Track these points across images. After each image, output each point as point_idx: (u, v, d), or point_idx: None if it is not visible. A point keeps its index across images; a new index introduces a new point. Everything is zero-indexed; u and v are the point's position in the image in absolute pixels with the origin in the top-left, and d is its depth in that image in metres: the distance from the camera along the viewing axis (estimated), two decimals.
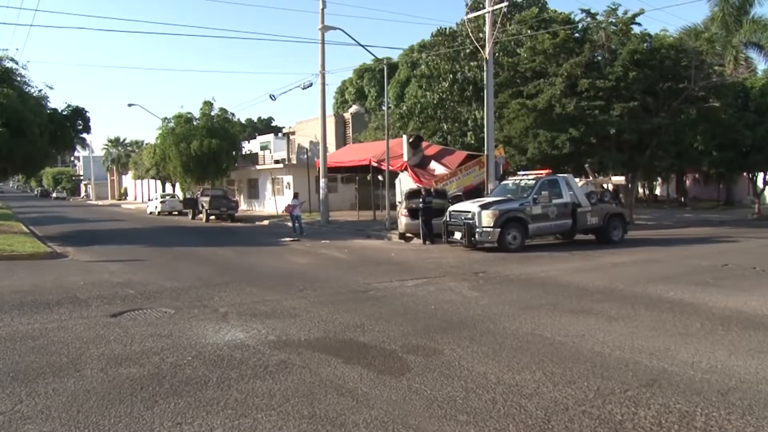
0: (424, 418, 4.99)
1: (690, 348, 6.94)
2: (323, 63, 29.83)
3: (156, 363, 6.60)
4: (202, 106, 43.62)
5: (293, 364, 6.52)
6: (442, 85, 32.25)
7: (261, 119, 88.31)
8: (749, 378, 5.86)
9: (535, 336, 7.61)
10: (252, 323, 8.48)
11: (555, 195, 18.55)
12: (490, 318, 8.64)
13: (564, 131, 23.77)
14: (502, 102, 26.59)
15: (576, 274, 12.70)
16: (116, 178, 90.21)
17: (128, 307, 9.66)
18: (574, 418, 4.93)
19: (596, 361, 6.46)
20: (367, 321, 8.51)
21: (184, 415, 5.12)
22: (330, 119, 42.12)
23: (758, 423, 4.81)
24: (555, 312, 9.02)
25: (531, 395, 5.48)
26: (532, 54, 26.56)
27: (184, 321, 8.69)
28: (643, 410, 5.08)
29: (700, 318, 8.45)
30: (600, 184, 24.48)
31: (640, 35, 25.63)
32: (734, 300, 9.68)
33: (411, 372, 6.20)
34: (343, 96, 62.97)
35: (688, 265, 13.84)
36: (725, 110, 26.66)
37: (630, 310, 9.05)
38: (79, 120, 28.90)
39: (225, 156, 42.36)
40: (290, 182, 43.13)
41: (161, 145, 44.14)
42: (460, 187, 23.70)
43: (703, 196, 46.25)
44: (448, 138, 32.02)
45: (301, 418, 5.02)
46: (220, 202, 36.56)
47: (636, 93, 23.82)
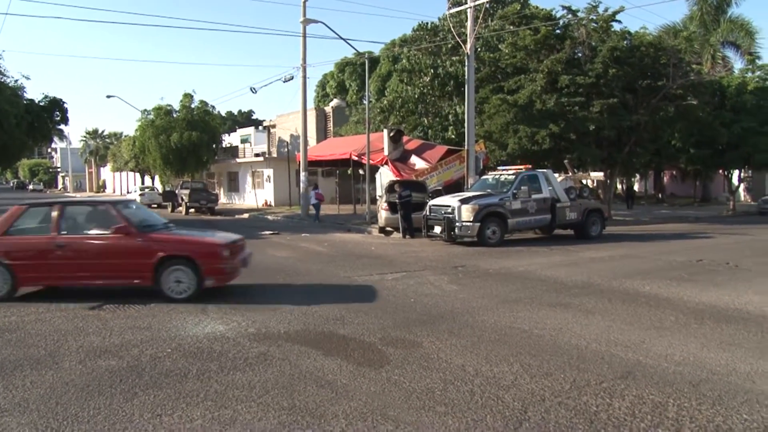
0: (402, 410, 5.05)
1: (664, 341, 7.07)
2: (304, 56, 29.76)
3: (135, 355, 6.60)
4: (182, 98, 43.41)
5: (273, 356, 6.55)
6: (423, 80, 32.29)
7: (241, 112, 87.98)
8: (720, 370, 5.99)
9: (513, 329, 7.70)
10: (232, 316, 8.49)
11: (534, 190, 18.68)
12: (468, 311, 8.72)
13: (544, 127, 23.92)
14: (482, 97, 26.69)
15: (554, 269, 12.82)
16: (94, 170, 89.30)
17: (107, 300, 9.62)
18: (550, 409, 5.02)
19: (573, 354, 6.56)
20: (347, 314, 8.55)
21: (164, 406, 5.14)
22: (311, 113, 42.04)
23: (727, 413, 4.93)
24: (533, 305, 9.12)
25: (508, 387, 5.56)
26: (514, 50, 26.67)
27: (164, 314, 8.68)
28: (618, 401, 5.18)
29: (674, 312, 8.59)
30: (579, 179, 24.68)
31: (620, 33, 25.84)
32: (708, 295, 9.85)
33: (390, 364, 6.26)
34: (324, 89, 62.81)
35: (664, 261, 14.03)
36: (702, 108, 26.95)
37: (607, 304, 9.18)
38: (56, 111, 28.65)
39: (205, 149, 42.18)
40: (270, 176, 43.04)
41: (140, 137, 43.85)
42: (441, 182, 23.77)
43: (680, 192, 46.81)
44: (429, 132, 32.10)
45: (281, 409, 5.05)
46: (200, 195, 36.43)
47: (615, 90, 24.03)
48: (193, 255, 9.63)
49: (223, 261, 9.78)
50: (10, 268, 9.61)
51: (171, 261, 9.59)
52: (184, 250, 9.73)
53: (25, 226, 10.08)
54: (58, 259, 9.58)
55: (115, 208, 10.18)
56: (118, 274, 9.78)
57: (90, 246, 9.80)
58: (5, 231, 9.83)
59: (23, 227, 10.05)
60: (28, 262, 9.70)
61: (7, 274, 9.62)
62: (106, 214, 10.15)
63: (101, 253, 9.71)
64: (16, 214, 10.01)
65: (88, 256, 9.70)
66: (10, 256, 9.63)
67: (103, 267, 9.71)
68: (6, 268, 9.62)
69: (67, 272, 9.72)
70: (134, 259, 9.63)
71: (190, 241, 10.29)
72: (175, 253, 9.66)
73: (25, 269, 9.68)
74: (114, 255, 9.66)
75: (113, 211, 10.10)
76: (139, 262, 9.59)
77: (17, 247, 9.81)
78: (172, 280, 9.59)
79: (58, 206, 10.13)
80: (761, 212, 32.13)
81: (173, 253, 9.66)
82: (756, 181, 41.82)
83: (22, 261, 9.68)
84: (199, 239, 10.45)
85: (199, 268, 9.55)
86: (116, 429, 4.69)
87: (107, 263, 9.69)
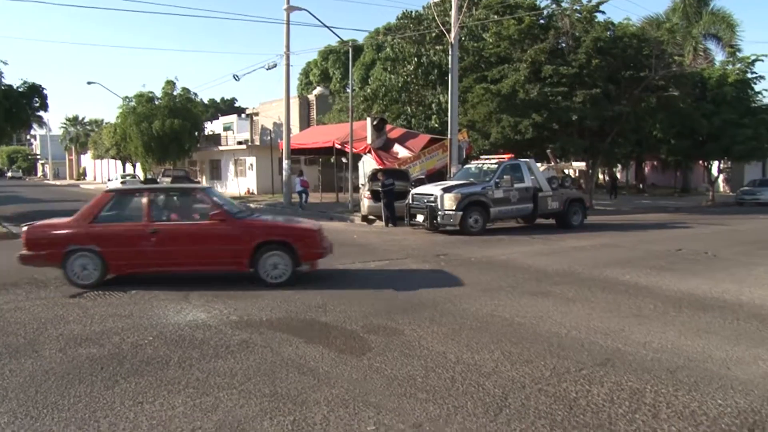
0: (384, 396, 5.08)
1: (643, 329, 7.15)
2: (288, 44, 29.56)
3: (116, 343, 6.58)
4: (165, 85, 43.06)
5: (255, 343, 6.55)
6: (407, 69, 32.23)
7: (224, 100, 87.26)
8: (696, 357, 6.08)
9: (494, 317, 7.75)
10: (214, 303, 8.47)
11: (517, 179, 18.75)
12: (450, 299, 8.76)
13: (527, 117, 24.01)
14: (466, 86, 26.71)
15: (536, 258, 12.90)
16: (75, 157, 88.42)
17: (88, 288, 9.55)
18: (530, 396, 5.07)
19: (553, 341, 6.62)
20: (329, 301, 8.56)
21: (145, 394, 5.13)
22: (294, 101, 41.88)
23: (702, 398, 5.01)
24: (514, 294, 9.18)
25: (489, 374, 5.60)
26: (498, 39, 26.70)
27: (145, 301, 8.64)
28: (597, 388, 5.24)
29: (653, 300, 8.69)
30: (561, 169, 24.81)
31: (604, 23, 25.93)
32: (686, 283, 9.97)
33: (372, 351, 6.28)
34: (307, 77, 62.47)
35: (644, 250, 14.16)
36: (684, 99, 27.19)
37: (587, 293, 9.26)
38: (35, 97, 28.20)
39: (187, 136, 41.90)
40: (253, 163, 42.83)
41: (122, 124, 43.49)
42: (423, 170, 23.80)
43: (660, 183, 47.21)
44: (412, 121, 32.08)
45: (263, 396, 5.06)
46: (182, 183, 36.16)
47: (598, 80, 24.13)
48: (291, 240, 9.82)
49: (318, 246, 10.04)
50: (101, 255, 9.53)
51: (268, 246, 9.72)
52: (282, 236, 9.94)
53: (113, 213, 10.04)
54: (152, 246, 9.57)
55: (207, 194, 10.28)
56: (215, 261, 9.89)
57: (186, 233, 9.84)
58: (94, 218, 9.76)
59: (111, 214, 9.99)
60: (119, 249, 9.64)
61: (98, 261, 9.54)
62: (199, 200, 10.32)
63: (198, 240, 9.75)
64: (103, 201, 9.97)
65: (184, 242, 9.75)
66: (101, 243, 9.53)
67: (200, 254, 9.77)
68: (97, 255, 9.53)
69: (160, 259, 9.72)
70: (232, 245, 9.73)
71: (287, 226, 10.63)
72: (272, 239, 9.83)
73: (117, 256, 9.62)
74: (212, 241, 9.72)
75: (207, 198, 10.22)
76: (237, 248, 9.70)
77: (108, 234, 9.71)
78: (269, 265, 9.72)
79: (147, 193, 10.16)
80: (739, 203, 32.55)
81: (271, 238, 9.84)
82: (735, 172, 42.28)
83: (114, 248, 9.60)
84: (295, 225, 10.75)
85: (296, 253, 9.73)
86: (97, 417, 4.68)
87: (204, 250, 9.75)
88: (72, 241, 9.53)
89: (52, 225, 10.14)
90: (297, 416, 4.66)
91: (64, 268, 9.56)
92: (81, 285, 9.50)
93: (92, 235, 9.59)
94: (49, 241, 9.69)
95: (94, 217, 9.76)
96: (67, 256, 9.49)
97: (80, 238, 9.55)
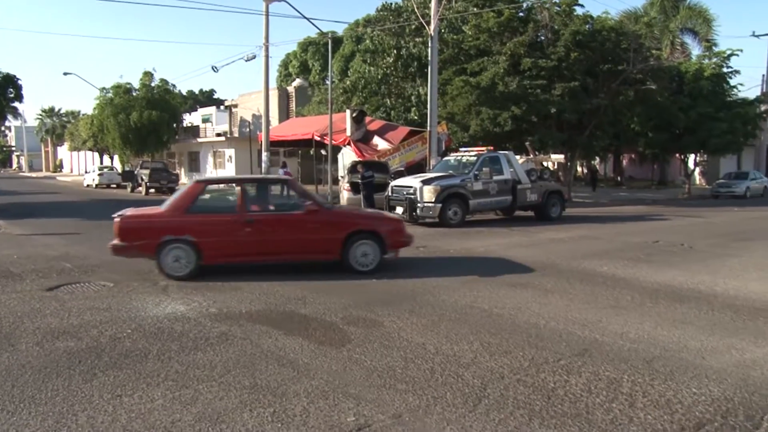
0: (364, 387, 5.09)
1: (620, 319, 7.23)
2: (267, 35, 29.32)
3: (94, 336, 6.52)
4: (142, 76, 42.74)
5: (234, 335, 6.53)
6: (386, 61, 32.20)
7: (203, 91, 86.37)
8: (672, 347, 6.17)
9: (473, 308, 7.79)
10: (193, 296, 8.42)
11: (496, 172, 18.83)
12: (430, 291, 8.79)
13: (506, 109, 24.07)
14: (445, 79, 26.72)
15: (515, 249, 12.98)
16: (51, 149, 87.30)
17: (65, 281, 9.45)
18: (509, 386, 5.11)
19: (532, 332, 6.67)
20: (309, 293, 8.55)
21: (124, 387, 5.09)
22: (273, 92, 41.68)
23: (678, 387, 5.09)
24: (493, 285, 9.23)
25: (468, 365, 5.64)
26: (477, 32, 26.71)
27: (124, 294, 8.57)
28: (575, 378, 5.30)
29: (631, 291, 8.78)
30: (540, 161, 24.94)
31: (583, 17, 26.02)
32: (663, 275, 10.09)
33: (351, 343, 6.29)
34: (286, 69, 62.18)
35: (621, 242, 14.30)
36: (661, 93, 27.39)
37: (565, 284, 9.34)
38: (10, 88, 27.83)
39: (165, 128, 41.63)
40: (232, 155, 42.59)
41: (99, 116, 43.09)
42: (403, 163, 23.85)
43: (638, 175, 47.61)
44: (392, 113, 32.09)
45: (242, 388, 5.05)
46: (160, 175, 35.90)
47: (577, 73, 24.24)
48: (379, 230, 10.25)
49: (403, 235, 10.56)
50: (196, 246, 9.51)
51: (357, 236, 10.06)
52: (371, 226, 10.36)
53: (205, 204, 10.18)
54: (247, 236, 9.68)
55: (298, 186, 10.55)
56: (308, 250, 10.15)
57: (282, 223, 10.07)
58: (187, 209, 9.78)
59: (204, 205, 10.11)
60: (214, 240, 9.67)
61: (192, 252, 9.51)
62: (289, 191, 10.66)
63: (293, 230, 10.00)
64: (195, 192, 10.01)
65: (279, 233, 9.97)
66: (196, 234, 9.53)
67: (294, 244, 10.01)
68: (191, 246, 9.50)
69: (255, 249, 9.84)
70: (325, 235, 10.06)
71: (375, 217, 11.26)
72: (362, 229, 10.20)
73: (211, 246, 9.63)
74: (306, 232, 10.02)
75: (298, 189, 10.58)
76: (330, 237, 10.02)
77: (203, 224, 9.75)
78: (359, 254, 10.08)
79: (239, 183, 10.39)
80: (715, 195, 32.96)
81: (360, 228, 10.21)
82: (710, 165, 42.72)
83: (209, 238, 9.62)
84: (382, 215, 11.57)
85: (383, 242, 10.15)
86: (75, 410, 4.63)
87: (298, 240, 10.01)
88: (167, 232, 9.50)
89: (146, 215, 10.14)
90: (277, 408, 4.66)
91: (157, 259, 9.55)
92: (175, 276, 9.49)
93: (187, 225, 9.61)
94: (143, 231, 9.65)
95: (187, 208, 9.80)
96: (161, 246, 9.45)
97: (175, 229, 9.54)
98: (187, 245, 9.47)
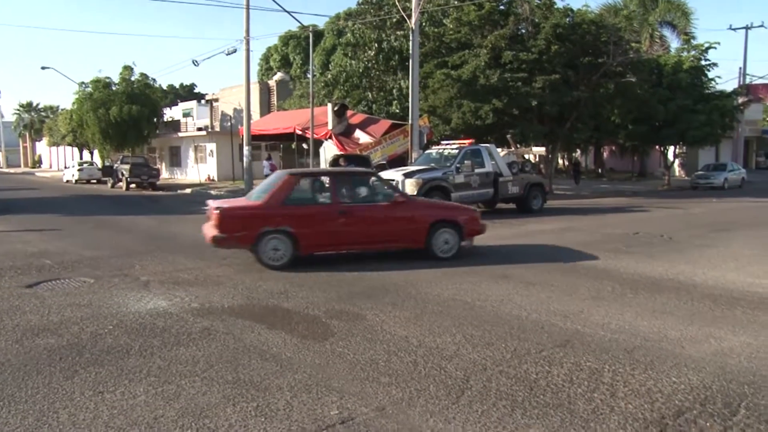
0: (347, 381, 5.10)
1: (601, 310, 7.30)
2: (248, 29, 29.19)
3: (75, 333, 6.47)
4: (122, 70, 42.42)
5: (217, 330, 6.51)
6: (367, 54, 32.11)
7: (183, 85, 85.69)
8: (652, 336, 6.24)
9: (456, 301, 7.83)
10: (175, 291, 8.39)
11: (477, 164, 18.88)
12: (412, 284, 8.81)
13: (487, 102, 24.10)
14: (427, 72, 26.71)
15: (496, 242, 13.02)
16: (29, 144, 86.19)
17: (45, 278, 9.37)
18: (491, 378, 5.14)
19: (514, 324, 6.71)
20: (291, 288, 8.55)
21: (106, 383, 5.06)
22: (254, 86, 41.45)
23: (658, 376, 5.15)
24: (475, 278, 9.26)
25: (451, 357, 5.66)
26: (458, 25, 26.72)
27: (105, 290, 8.51)
28: (557, 368, 5.34)
29: (611, 282, 8.86)
30: (521, 154, 25.02)
31: (563, 10, 26.11)
32: (643, 266, 10.18)
33: (334, 336, 6.30)
34: (267, 63, 61.85)
35: (602, 233, 14.41)
36: (641, 86, 27.55)
37: (547, 276, 9.40)
38: None
39: (146, 123, 41.31)
40: (213, 150, 42.33)
41: (78, 110, 42.65)
42: (385, 156, 23.83)
43: (618, 167, 47.93)
44: (373, 107, 32.03)
45: (225, 383, 5.04)
46: (141, 170, 35.55)
47: (557, 66, 24.33)
48: (459, 219, 10.96)
49: (478, 224, 11.29)
50: (293, 236, 9.92)
51: (438, 225, 10.73)
52: (452, 216, 11.08)
53: (299, 195, 10.61)
54: (340, 226, 10.22)
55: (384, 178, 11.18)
56: (397, 239, 10.77)
57: (373, 213, 10.62)
58: (283, 201, 10.20)
59: (298, 197, 10.55)
60: (310, 230, 10.12)
61: (289, 242, 9.92)
62: (376, 183, 11.25)
63: (383, 220, 10.64)
64: (290, 184, 10.44)
65: (370, 223, 10.54)
66: (293, 225, 9.95)
67: (384, 233, 10.64)
68: (289, 236, 9.91)
69: (348, 239, 10.44)
70: (412, 224, 10.73)
71: (453, 207, 12.23)
72: (444, 218, 10.91)
73: (308, 237, 10.08)
74: (394, 222, 10.68)
75: (384, 181, 11.37)
76: (416, 227, 10.68)
77: (300, 215, 10.21)
78: (441, 242, 10.73)
79: (330, 176, 11.20)
80: (694, 187, 33.28)
81: (442, 218, 10.91)
82: (689, 157, 43.08)
83: (305, 229, 10.06)
84: (458, 206, 12.51)
85: (462, 230, 10.87)
86: (56, 408, 4.60)
87: (388, 229, 10.66)
88: (266, 223, 9.88)
89: (244, 207, 10.53)
90: (260, 402, 4.66)
91: (255, 249, 9.90)
92: (273, 266, 9.82)
93: (285, 216, 10.02)
94: (243, 223, 9.98)
95: (284, 200, 10.23)
96: (260, 237, 9.80)
97: (274, 220, 9.94)
98: (285, 236, 9.90)
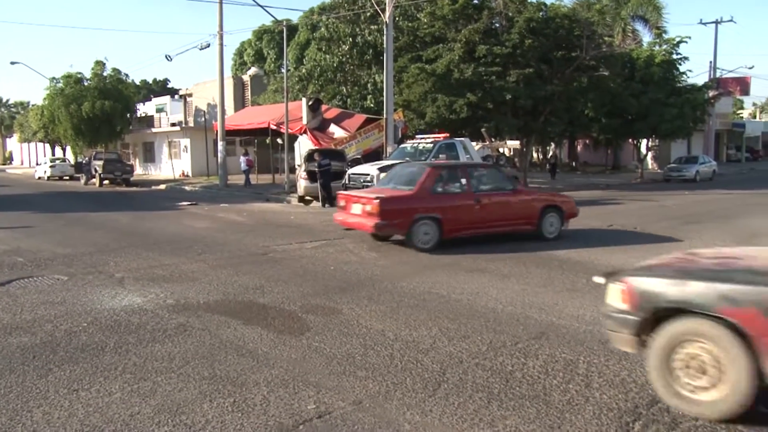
0: (324, 375, 5.10)
1: (576, 302, 7.38)
2: (221, 23, 29.03)
3: (49, 331, 6.39)
4: (94, 65, 41.80)
5: (192, 326, 6.47)
6: (342, 49, 32.01)
7: (156, 81, 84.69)
8: None
9: (431, 294, 7.86)
10: (149, 288, 8.32)
11: (452, 158, 18.93)
12: (388, 278, 8.83)
13: (462, 96, 24.18)
14: (401, 66, 26.72)
15: None
16: (0, 141, 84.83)
17: (17, 275, 9.23)
18: (468, 370, 5.17)
19: (489, 317, 6.76)
20: (267, 283, 8.52)
21: (81, 381, 5.01)
22: (228, 81, 41.11)
23: (632, 367, 5.21)
24: (451, 271, 9.31)
25: (427, 350, 5.69)
26: (432, 19, 26.75)
27: (78, 288, 8.41)
28: (532, 360, 5.39)
29: (586, 275, 8.91)
30: (496, 148, 25.13)
31: (536, 4, 26.28)
32: (617, 257, 10.29)
33: (311, 331, 6.29)
34: (241, 58, 61.33)
35: (576, 226, 14.50)
36: (613, 79, 27.82)
37: (522, 269, 9.48)
38: None
39: (119, 118, 40.78)
40: (187, 145, 41.95)
41: (49, 106, 42.02)
42: (360, 150, 23.80)
43: (592, 160, 48.39)
44: (348, 101, 31.98)
45: (202, 379, 5.02)
46: (114, 166, 35.17)
47: (531, 60, 24.47)
48: (561, 205, 12.62)
49: (574, 208, 12.93)
50: (439, 222, 11.19)
51: (547, 210, 12.29)
52: (557, 202, 12.77)
53: (441, 186, 11.76)
54: (475, 212, 11.59)
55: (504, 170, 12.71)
56: (517, 222, 12.18)
57: (501, 200, 12.03)
58: (431, 190, 11.50)
59: (438, 187, 11.68)
60: (453, 216, 11.41)
61: (435, 226, 11.17)
62: (498, 174, 13.10)
63: (508, 206, 12.08)
64: (434, 175, 11.68)
65: (498, 209, 11.93)
66: (440, 212, 11.24)
67: (508, 217, 12.06)
68: (437, 222, 11.19)
69: (479, 223, 11.74)
70: (529, 209, 12.20)
71: (557, 195, 14.31)
72: (551, 204, 12.52)
73: (451, 222, 11.36)
74: (516, 207, 12.17)
75: (503, 173, 13.28)
76: (532, 212, 12.19)
77: (445, 203, 11.47)
78: (548, 225, 12.35)
79: (462, 168, 12.64)
80: (666, 179, 33.69)
81: (551, 203, 12.54)
82: (662, 150, 43.60)
83: (450, 215, 11.34)
84: (560, 194, 14.88)
85: (563, 214, 12.54)
86: (30, 407, 4.54)
87: (511, 214, 12.09)
88: (419, 211, 11.12)
89: (399, 197, 11.42)
90: (237, 398, 4.64)
91: (409, 235, 11.07)
92: (423, 249, 10.97)
93: (434, 205, 11.29)
94: (400, 211, 11.12)
95: (431, 189, 11.51)
96: (414, 223, 11.04)
97: (426, 208, 11.20)
98: (433, 222, 11.16)
